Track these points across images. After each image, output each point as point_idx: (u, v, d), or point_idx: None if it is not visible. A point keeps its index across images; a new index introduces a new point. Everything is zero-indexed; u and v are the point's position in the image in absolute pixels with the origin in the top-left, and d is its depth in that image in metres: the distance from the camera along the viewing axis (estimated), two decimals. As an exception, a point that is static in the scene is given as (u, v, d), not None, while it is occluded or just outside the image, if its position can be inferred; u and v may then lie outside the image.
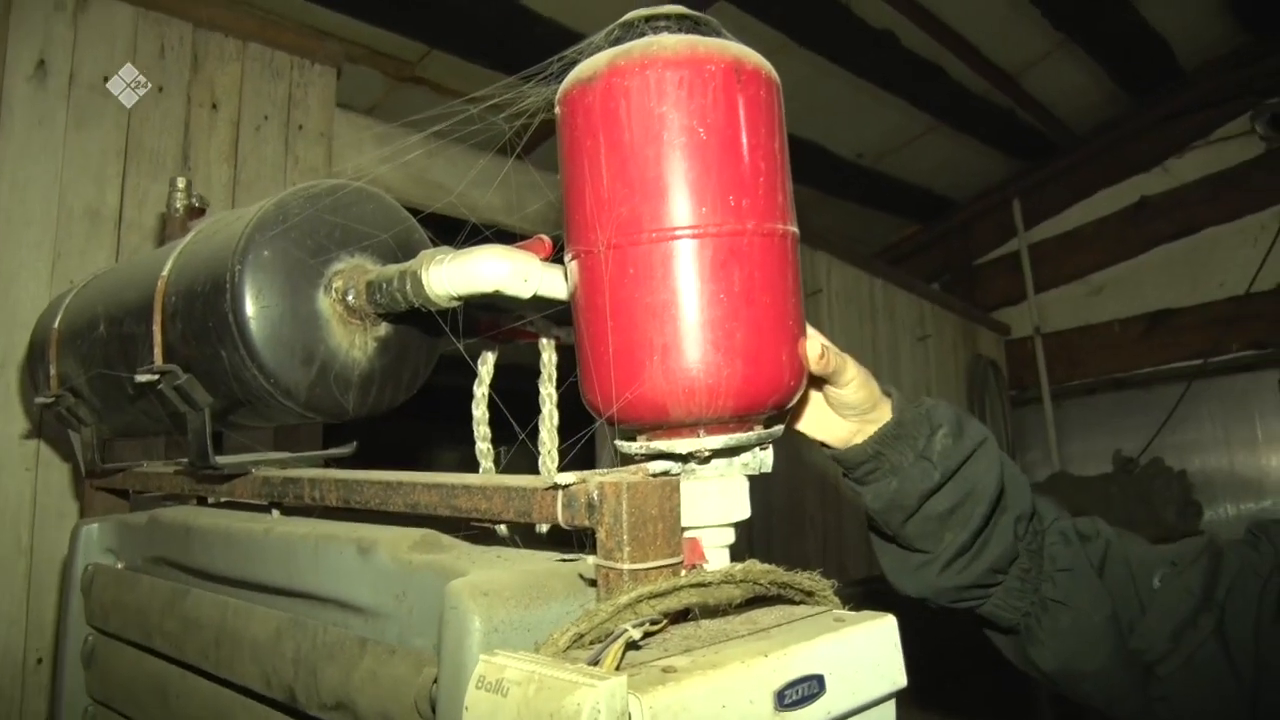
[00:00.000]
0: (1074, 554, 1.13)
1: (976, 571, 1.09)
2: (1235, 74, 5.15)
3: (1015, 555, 1.11)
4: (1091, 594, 1.11)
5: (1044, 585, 1.12)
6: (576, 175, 0.78)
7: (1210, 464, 5.48)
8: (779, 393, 0.79)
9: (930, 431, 1.05)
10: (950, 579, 1.09)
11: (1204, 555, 1.12)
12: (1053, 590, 1.12)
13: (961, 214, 6.23)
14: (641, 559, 0.69)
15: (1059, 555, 1.13)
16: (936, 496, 1.05)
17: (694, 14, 0.82)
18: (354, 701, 0.80)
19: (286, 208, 1.03)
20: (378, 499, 0.92)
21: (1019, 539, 1.11)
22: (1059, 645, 1.12)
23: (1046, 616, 1.12)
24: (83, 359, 1.27)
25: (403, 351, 1.12)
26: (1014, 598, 1.13)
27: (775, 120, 0.80)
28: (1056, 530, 1.15)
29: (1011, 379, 6.27)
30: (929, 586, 1.10)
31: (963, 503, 1.06)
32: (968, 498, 1.06)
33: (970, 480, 1.06)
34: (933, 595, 1.11)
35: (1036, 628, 1.13)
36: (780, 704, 0.62)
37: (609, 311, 0.76)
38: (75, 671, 1.32)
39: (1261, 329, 5.22)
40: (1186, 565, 1.12)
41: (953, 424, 1.06)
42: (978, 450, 1.07)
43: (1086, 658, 1.11)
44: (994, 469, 1.07)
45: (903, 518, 1.07)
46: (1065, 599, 1.11)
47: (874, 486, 1.07)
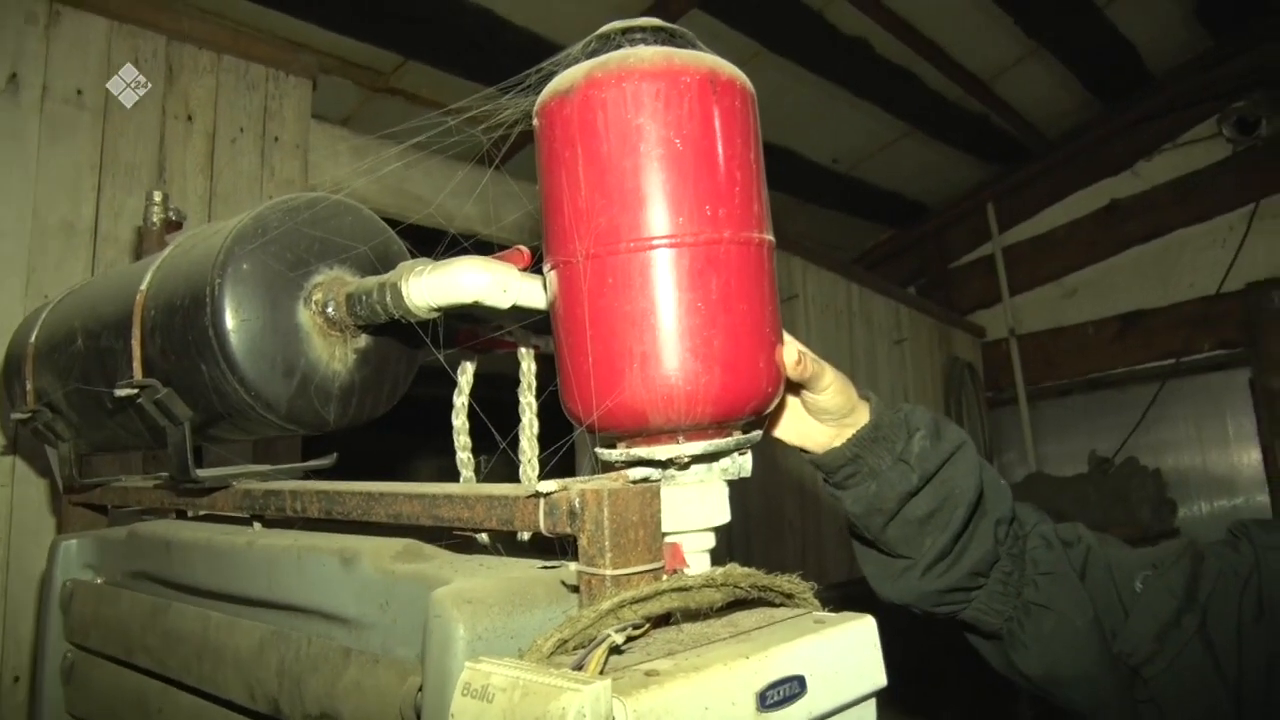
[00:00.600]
0: (1056, 558, 1.14)
1: (957, 575, 1.09)
2: (1202, 78, 5.23)
3: (996, 558, 1.11)
4: (1074, 598, 1.12)
5: (1026, 589, 1.13)
6: (555, 186, 0.79)
7: (1184, 462, 5.56)
8: (757, 399, 0.80)
9: (908, 435, 1.06)
10: (931, 583, 1.09)
11: (1184, 557, 1.13)
12: (1035, 594, 1.13)
13: (936, 218, 6.27)
14: (623, 564, 0.70)
15: (1041, 559, 1.14)
16: (915, 500, 1.06)
17: (669, 26, 0.83)
18: (339, 712, 0.80)
19: (265, 221, 1.03)
20: (360, 510, 0.92)
21: (1000, 542, 1.11)
22: (1042, 649, 1.12)
23: (1030, 620, 1.13)
24: (60, 374, 1.26)
25: (383, 363, 1.12)
26: (996, 601, 1.13)
27: (750, 130, 0.81)
28: (1038, 534, 1.16)
29: (988, 381, 6.32)
30: (911, 591, 1.11)
31: (942, 506, 1.07)
32: (946, 501, 1.07)
33: (949, 483, 1.07)
34: (915, 600, 1.12)
35: (1020, 632, 1.13)
36: (762, 705, 0.62)
37: (588, 321, 0.77)
38: (54, 689, 1.31)
39: (1231, 328, 5.29)
40: (1168, 567, 1.13)
41: (930, 427, 1.07)
42: (956, 454, 1.08)
43: (1070, 662, 1.12)
44: (972, 472, 1.08)
45: (883, 521, 1.08)
46: (1048, 602, 1.12)
47: (853, 490, 1.08)
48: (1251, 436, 5.31)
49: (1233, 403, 5.39)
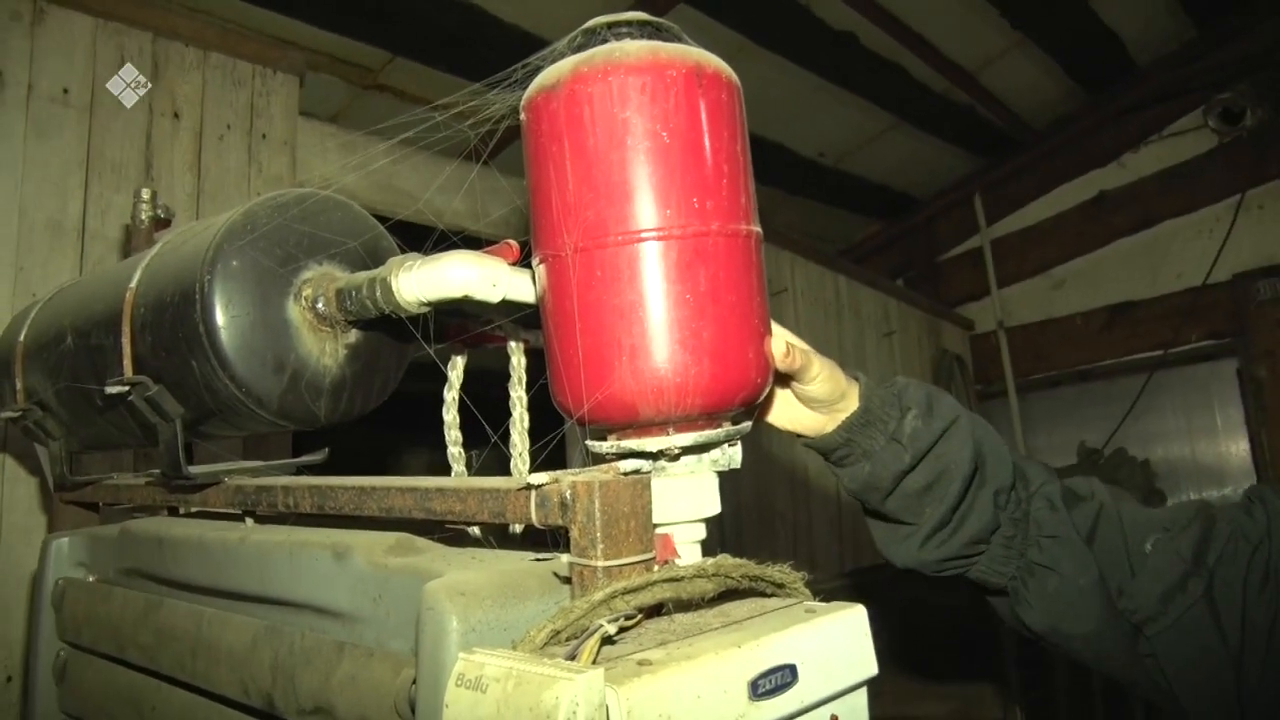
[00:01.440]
0: (1059, 520, 1.15)
1: (957, 544, 1.12)
2: (1187, 69, 5.24)
3: (997, 525, 1.13)
4: (1077, 559, 1.14)
5: (1030, 550, 1.15)
6: (542, 180, 0.80)
7: (1173, 452, 5.59)
8: (746, 390, 0.81)
9: (900, 414, 1.08)
10: (932, 551, 1.12)
11: (1196, 521, 1.15)
12: (1039, 555, 1.14)
13: (924, 211, 6.29)
14: (615, 556, 0.70)
15: (1045, 521, 1.15)
16: (911, 475, 1.08)
17: (655, 20, 0.83)
18: (333, 705, 0.80)
19: (255, 217, 1.03)
20: (352, 504, 0.92)
21: (1001, 509, 1.13)
22: (1047, 607, 1.14)
23: (1034, 580, 1.15)
24: (50, 372, 1.26)
25: (373, 358, 1.13)
26: (999, 564, 1.15)
27: (737, 122, 0.82)
28: (1043, 496, 1.17)
29: (977, 373, 6.34)
30: (913, 558, 1.14)
31: (937, 480, 1.09)
32: (942, 476, 1.09)
33: (943, 459, 1.09)
34: (918, 566, 1.15)
35: (1024, 590, 1.15)
36: (754, 693, 0.63)
37: (577, 314, 0.77)
38: (47, 687, 1.31)
39: (1219, 319, 5.32)
40: (1179, 531, 1.15)
41: (922, 405, 1.09)
42: (949, 429, 1.10)
43: (1073, 620, 1.14)
44: (966, 446, 1.10)
45: (880, 497, 1.10)
46: (1051, 564, 1.14)
47: (849, 470, 1.10)
48: (1239, 426, 5.33)
49: (1221, 392, 5.42)
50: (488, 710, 0.57)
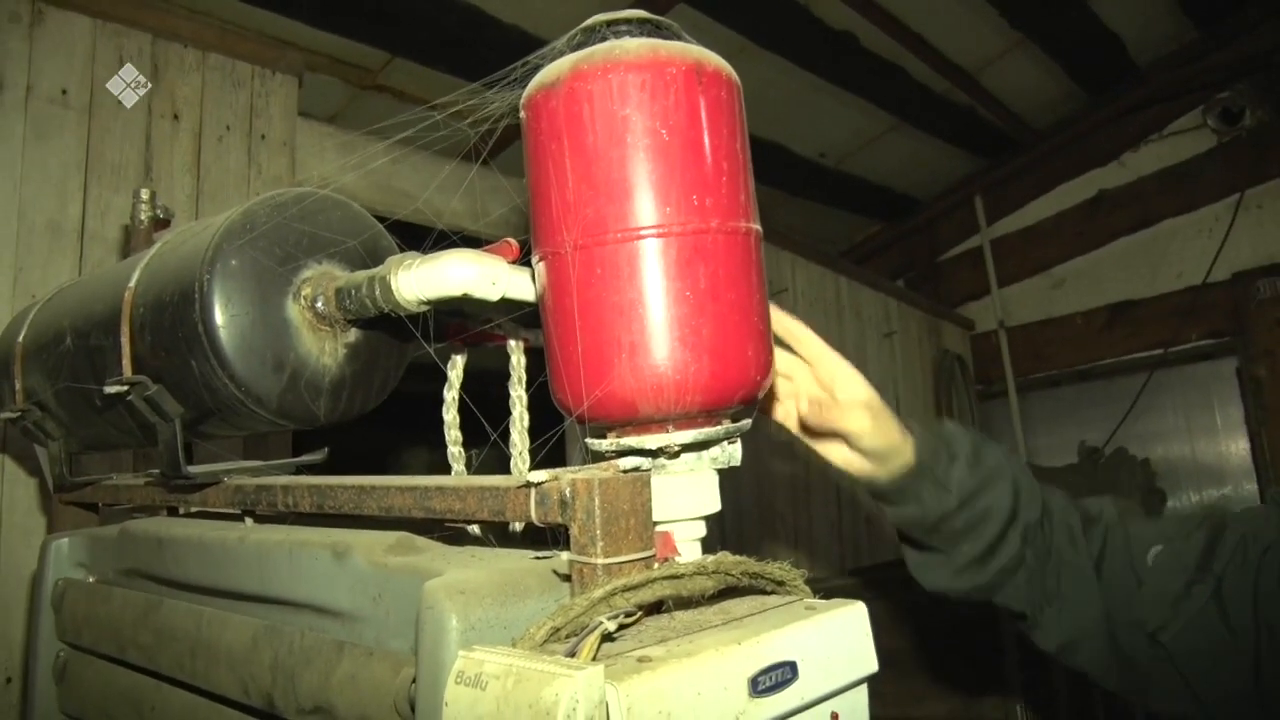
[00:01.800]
0: (1076, 550, 1.21)
1: (988, 575, 1.18)
2: (1187, 69, 5.24)
3: (1024, 559, 1.19)
4: (1088, 588, 1.20)
5: (1048, 580, 1.21)
6: (542, 178, 0.80)
7: (1173, 452, 5.58)
8: (746, 387, 0.80)
9: (949, 460, 1.13)
10: (964, 582, 1.19)
11: (1201, 529, 1.19)
12: (1055, 584, 1.21)
13: (925, 211, 6.28)
14: (615, 553, 0.70)
15: (1064, 551, 1.21)
16: (953, 516, 1.14)
17: (655, 18, 0.83)
18: (333, 705, 0.80)
19: (254, 216, 1.03)
20: (352, 503, 0.92)
21: (1028, 543, 1.19)
22: (1059, 631, 1.21)
23: (1050, 608, 1.21)
24: (49, 372, 1.26)
25: (373, 357, 1.13)
26: (1021, 592, 1.21)
27: (736, 120, 0.81)
28: (1064, 526, 1.23)
29: (977, 373, 6.33)
30: (944, 585, 1.20)
31: (979, 523, 1.15)
32: (983, 520, 1.15)
33: (985, 504, 1.15)
34: (948, 591, 1.21)
35: (1039, 615, 1.22)
36: (754, 690, 0.63)
37: (577, 311, 0.77)
38: (47, 688, 1.30)
39: (1219, 318, 5.31)
40: (1179, 541, 1.19)
41: (969, 455, 1.14)
42: (993, 477, 1.15)
43: (1083, 643, 1.21)
44: (1007, 493, 1.16)
45: (922, 532, 1.17)
46: (1064, 591, 1.20)
47: (895, 509, 1.16)
48: (1239, 425, 5.32)
49: (1220, 392, 5.41)
50: (487, 708, 0.56)
